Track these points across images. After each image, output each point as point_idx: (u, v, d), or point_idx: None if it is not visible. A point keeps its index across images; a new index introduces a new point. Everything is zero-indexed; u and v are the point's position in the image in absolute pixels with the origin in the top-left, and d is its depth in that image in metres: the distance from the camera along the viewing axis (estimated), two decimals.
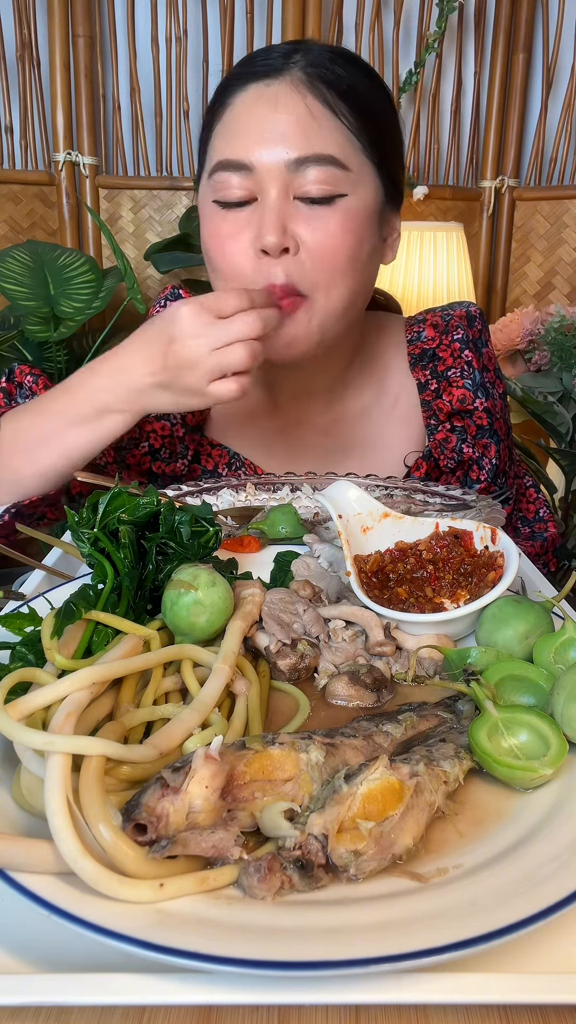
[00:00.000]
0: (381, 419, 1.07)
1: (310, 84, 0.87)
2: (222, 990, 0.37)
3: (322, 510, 0.84)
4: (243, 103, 0.88)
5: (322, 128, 0.86)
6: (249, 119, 0.88)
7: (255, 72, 0.89)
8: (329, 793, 0.45)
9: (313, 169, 0.86)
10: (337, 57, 0.90)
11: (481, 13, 2.55)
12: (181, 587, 0.59)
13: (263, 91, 0.87)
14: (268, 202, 0.86)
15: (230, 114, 0.89)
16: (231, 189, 0.88)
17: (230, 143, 0.88)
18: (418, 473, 1.05)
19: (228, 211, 0.89)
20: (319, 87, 0.87)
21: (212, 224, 0.91)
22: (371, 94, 0.91)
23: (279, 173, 0.86)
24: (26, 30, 2.43)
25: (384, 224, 0.96)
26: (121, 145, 2.56)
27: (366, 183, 0.90)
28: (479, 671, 0.58)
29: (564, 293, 2.67)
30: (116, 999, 0.37)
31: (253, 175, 0.87)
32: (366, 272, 0.94)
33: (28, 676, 0.52)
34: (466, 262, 2.35)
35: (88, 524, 0.64)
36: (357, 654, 0.65)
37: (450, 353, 1.05)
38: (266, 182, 0.87)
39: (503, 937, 0.38)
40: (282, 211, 0.86)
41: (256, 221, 0.87)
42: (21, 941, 0.41)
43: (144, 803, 0.42)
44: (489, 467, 1.05)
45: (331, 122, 0.87)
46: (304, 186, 0.86)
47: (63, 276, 2.14)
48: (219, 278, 0.93)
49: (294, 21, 2.44)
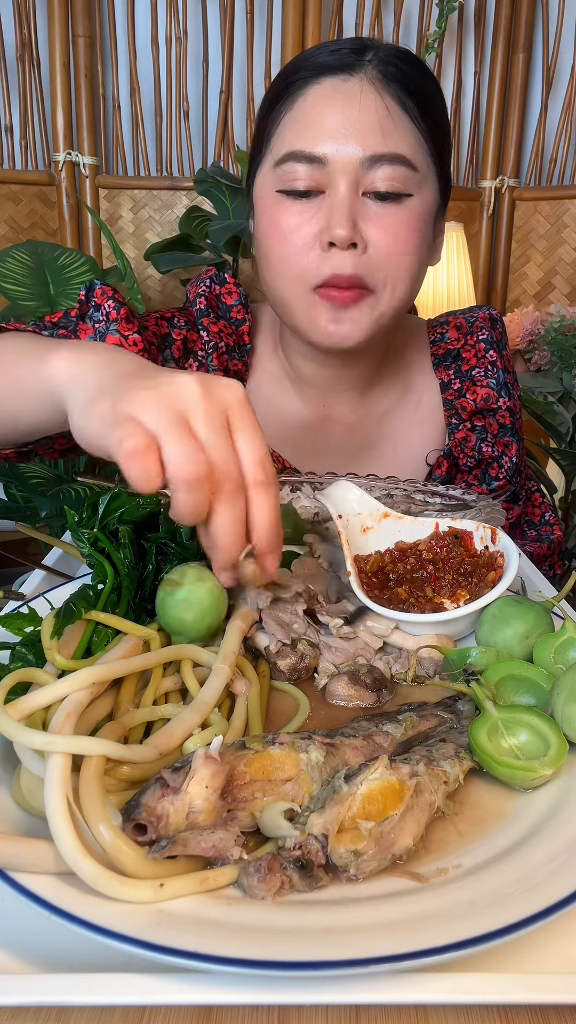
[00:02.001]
0: (405, 418, 1.08)
1: (385, 83, 0.87)
2: (222, 990, 0.37)
3: (322, 510, 0.84)
4: (318, 96, 0.88)
5: (397, 128, 0.87)
6: (324, 112, 0.87)
7: (328, 65, 0.88)
8: (329, 793, 0.45)
9: (385, 167, 0.86)
10: (405, 56, 0.91)
11: (481, 13, 2.55)
12: (169, 585, 0.60)
13: (339, 85, 0.87)
14: (338, 196, 0.86)
15: (303, 105, 0.89)
16: (299, 180, 0.87)
17: (303, 134, 0.88)
18: (440, 472, 1.06)
19: (294, 202, 0.89)
20: (394, 86, 0.87)
21: (274, 214, 0.90)
22: (436, 96, 0.92)
23: (352, 169, 0.86)
24: (26, 30, 2.43)
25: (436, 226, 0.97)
26: (121, 145, 2.57)
27: (429, 184, 0.91)
28: (479, 671, 0.58)
29: (564, 293, 2.67)
30: (116, 999, 0.37)
31: (324, 168, 0.87)
32: (422, 272, 0.95)
33: (28, 676, 0.52)
34: (466, 262, 2.35)
35: (88, 524, 0.64)
36: (357, 654, 0.65)
37: (474, 353, 1.07)
38: (337, 176, 0.86)
39: (503, 937, 0.38)
40: (352, 206, 0.86)
41: (324, 213, 0.87)
42: (21, 941, 0.41)
43: (144, 803, 0.42)
44: (509, 465, 1.07)
45: (405, 122, 0.88)
46: (374, 183, 0.87)
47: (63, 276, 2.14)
48: (276, 270, 0.92)
49: (294, 21, 2.44)
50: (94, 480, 0.86)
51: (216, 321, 1.04)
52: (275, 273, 0.92)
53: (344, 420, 1.06)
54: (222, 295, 1.06)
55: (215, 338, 1.03)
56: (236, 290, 1.06)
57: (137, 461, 0.50)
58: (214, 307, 1.05)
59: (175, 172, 2.60)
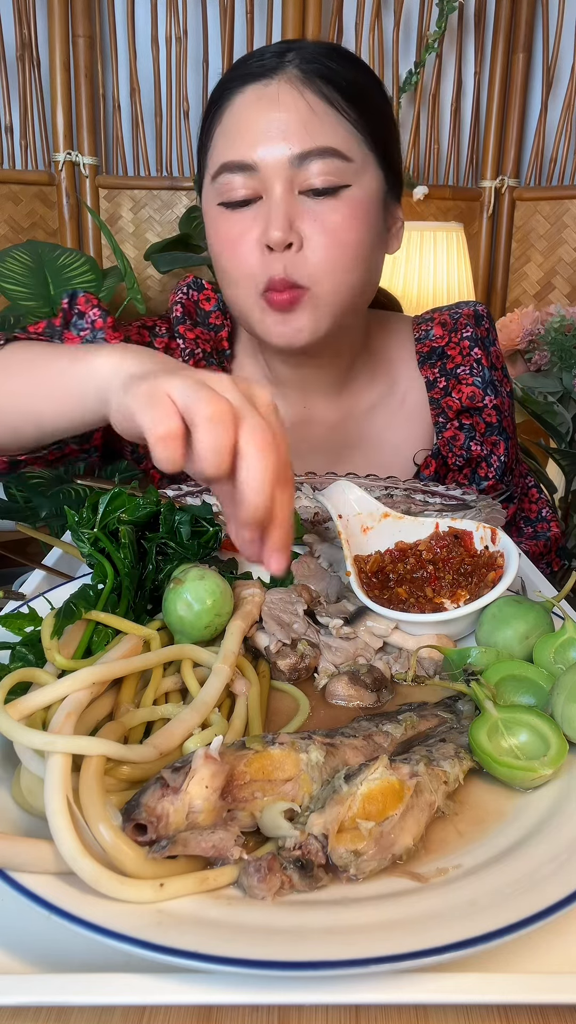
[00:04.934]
0: (389, 417, 1.08)
1: (306, 80, 0.87)
2: (222, 990, 0.37)
3: (322, 510, 0.84)
4: (242, 105, 0.89)
5: (322, 122, 0.87)
6: (249, 119, 0.88)
7: (251, 73, 0.89)
8: (329, 793, 0.45)
9: (316, 162, 0.86)
10: (330, 52, 0.91)
11: (481, 13, 2.55)
12: (172, 583, 0.60)
13: (261, 91, 0.88)
14: (273, 199, 0.87)
15: (229, 116, 0.90)
16: (235, 190, 0.88)
17: (232, 145, 0.89)
18: (427, 471, 1.05)
19: (234, 212, 0.90)
20: (316, 82, 0.88)
21: (219, 226, 0.91)
22: (366, 86, 0.92)
23: (283, 169, 0.87)
24: (26, 30, 2.43)
25: (387, 214, 0.97)
26: (121, 145, 2.56)
27: (369, 173, 0.91)
28: (479, 671, 0.58)
29: (564, 293, 2.66)
30: (116, 999, 0.37)
31: (257, 174, 0.87)
32: (371, 261, 0.94)
33: (28, 676, 0.52)
34: (466, 262, 2.35)
35: (88, 524, 0.64)
36: (357, 654, 0.65)
37: (459, 351, 1.07)
38: (270, 179, 0.87)
39: (503, 937, 0.38)
40: (288, 206, 0.87)
41: (262, 218, 0.88)
42: (21, 941, 0.41)
43: (144, 803, 0.42)
44: (497, 464, 1.06)
45: (330, 115, 0.88)
46: (308, 179, 0.87)
47: (63, 276, 2.14)
48: (228, 280, 0.93)
49: (294, 21, 2.44)
50: (94, 482, 0.86)
51: (192, 328, 1.05)
52: (228, 282, 0.93)
53: (325, 419, 1.06)
54: (200, 301, 1.06)
55: (191, 345, 1.03)
56: (214, 296, 1.06)
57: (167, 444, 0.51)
58: (192, 314, 1.06)
59: (175, 172, 2.60)
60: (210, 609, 0.59)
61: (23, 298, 2.07)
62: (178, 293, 1.07)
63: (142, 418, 0.53)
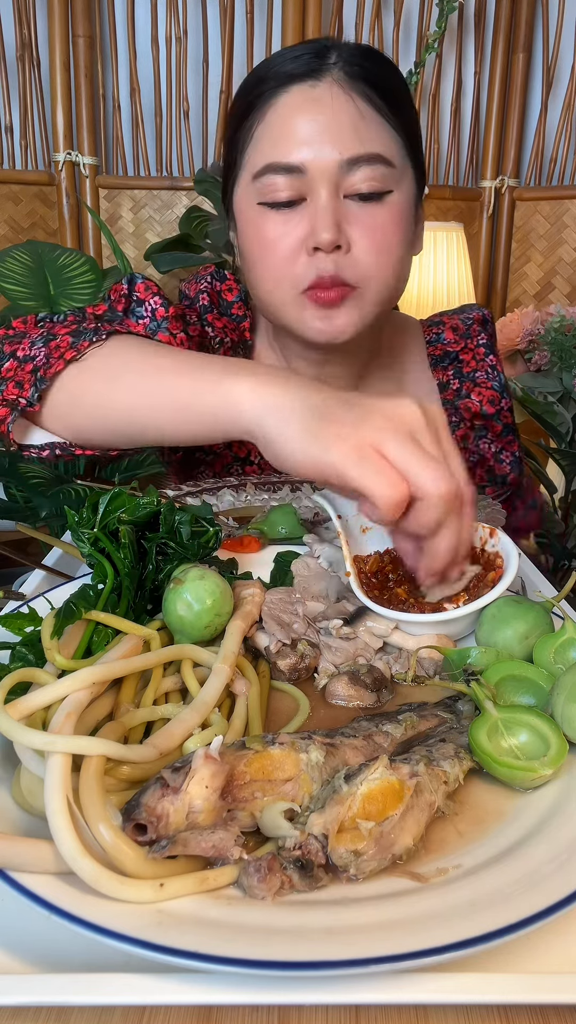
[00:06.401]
0: None
1: (352, 83, 0.87)
2: (222, 990, 0.37)
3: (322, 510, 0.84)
4: (288, 105, 0.88)
5: (370, 127, 0.87)
6: (297, 121, 0.87)
7: (294, 73, 0.88)
8: (329, 793, 0.45)
9: (364, 168, 0.87)
10: (368, 53, 0.91)
11: (481, 13, 2.55)
12: (172, 583, 0.61)
13: (308, 92, 0.87)
14: (320, 201, 0.87)
15: (274, 116, 0.89)
16: (279, 191, 0.88)
17: (278, 146, 0.88)
18: None
19: (276, 212, 0.89)
20: (361, 86, 0.87)
21: (258, 226, 0.91)
22: (402, 89, 0.93)
23: (331, 174, 0.87)
24: (26, 30, 2.43)
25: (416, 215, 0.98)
26: (121, 145, 2.56)
27: (408, 177, 0.92)
28: (479, 671, 0.58)
29: (564, 293, 2.67)
30: (116, 999, 0.37)
31: (303, 176, 0.87)
32: (407, 263, 0.96)
33: (28, 676, 0.52)
34: (466, 262, 2.35)
35: (88, 524, 0.64)
36: (357, 654, 0.65)
37: (473, 356, 1.09)
38: (317, 183, 0.87)
39: (503, 937, 0.38)
40: (335, 210, 0.87)
41: (307, 220, 0.88)
42: (21, 941, 0.41)
43: (144, 803, 0.42)
44: (511, 460, 1.09)
45: (376, 120, 0.88)
46: (355, 185, 0.87)
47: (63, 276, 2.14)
48: (266, 277, 0.92)
49: (294, 21, 2.44)
50: (94, 482, 0.85)
51: (219, 317, 1.05)
52: (263, 281, 0.93)
53: None
54: (223, 292, 1.07)
55: (220, 334, 1.04)
56: (236, 287, 1.07)
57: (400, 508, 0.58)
58: (216, 303, 1.06)
59: (175, 172, 2.60)
60: (210, 609, 0.59)
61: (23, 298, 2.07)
62: (201, 282, 1.06)
63: (367, 483, 0.58)
